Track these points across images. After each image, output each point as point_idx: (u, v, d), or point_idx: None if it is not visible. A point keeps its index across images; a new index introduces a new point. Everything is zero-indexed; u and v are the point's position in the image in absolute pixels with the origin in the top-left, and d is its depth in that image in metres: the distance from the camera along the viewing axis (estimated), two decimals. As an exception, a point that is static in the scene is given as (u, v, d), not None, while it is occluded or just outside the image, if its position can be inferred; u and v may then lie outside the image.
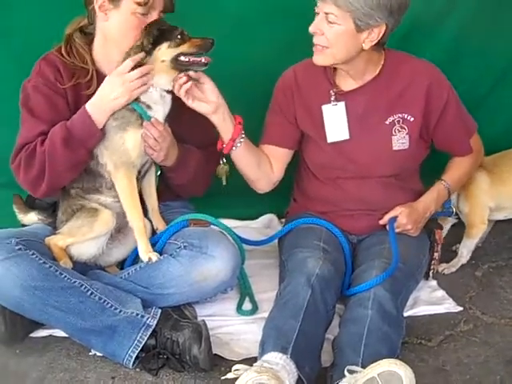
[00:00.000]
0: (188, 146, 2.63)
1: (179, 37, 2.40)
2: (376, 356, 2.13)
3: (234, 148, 2.60)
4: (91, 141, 2.42)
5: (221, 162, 2.66)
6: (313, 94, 2.69)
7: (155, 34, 2.38)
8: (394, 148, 2.66)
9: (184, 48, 2.41)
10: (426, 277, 2.85)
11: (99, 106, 2.41)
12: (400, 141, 2.65)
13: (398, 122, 2.64)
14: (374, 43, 2.49)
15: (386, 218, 2.67)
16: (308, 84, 2.70)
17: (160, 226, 2.64)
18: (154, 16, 2.46)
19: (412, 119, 2.63)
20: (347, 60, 2.52)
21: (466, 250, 3.01)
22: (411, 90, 2.62)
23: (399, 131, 2.64)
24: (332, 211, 2.77)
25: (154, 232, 2.64)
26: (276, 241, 2.92)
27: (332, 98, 2.65)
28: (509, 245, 3.24)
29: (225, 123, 2.55)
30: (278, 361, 2.14)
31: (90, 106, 2.41)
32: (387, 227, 2.66)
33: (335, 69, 2.65)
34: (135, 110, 2.42)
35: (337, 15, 2.41)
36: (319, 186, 2.79)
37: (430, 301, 2.79)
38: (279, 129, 2.75)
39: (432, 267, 2.84)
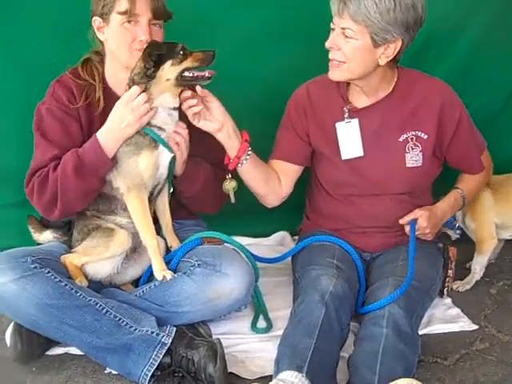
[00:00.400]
0: (197, 158, 2.63)
1: (181, 52, 2.41)
2: (392, 374, 2.12)
3: (239, 165, 2.61)
4: (102, 169, 2.45)
5: (227, 177, 2.67)
6: (326, 111, 2.70)
7: (155, 54, 2.38)
8: (408, 165, 2.66)
9: (187, 63, 2.42)
10: (441, 294, 2.84)
11: (110, 135, 2.43)
12: (413, 158, 2.66)
13: (412, 139, 2.65)
14: (389, 59, 2.50)
15: (407, 218, 2.65)
16: (321, 101, 2.71)
17: (174, 244, 2.65)
18: (142, 24, 2.45)
19: (426, 137, 2.64)
20: (363, 75, 2.54)
21: (478, 267, 3.00)
22: (424, 108, 2.62)
23: (413, 149, 2.65)
24: (345, 228, 2.77)
25: (168, 250, 2.65)
26: (289, 258, 2.91)
27: (346, 115, 2.66)
28: (523, 262, 3.23)
29: (230, 140, 2.56)
30: (294, 379, 2.13)
31: (101, 136, 2.43)
32: (406, 230, 2.65)
33: (348, 85, 2.67)
34: (147, 134, 2.44)
35: (354, 30, 2.43)
36: (332, 203, 2.80)
37: (445, 319, 2.77)
38: (290, 145, 2.76)
39: (446, 285, 2.83)
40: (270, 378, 2.27)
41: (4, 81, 3.05)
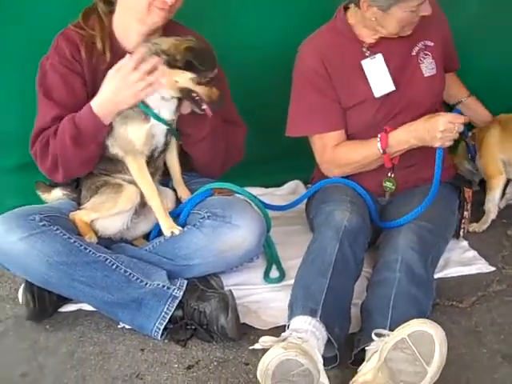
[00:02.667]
0: None
1: (207, 79, 2.37)
2: (405, 318, 2.08)
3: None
4: (100, 136, 2.42)
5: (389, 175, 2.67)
6: (345, 59, 2.64)
7: (192, 61, 2.33)
8: (425, 75, 2.66)
9: (200, 90, 2.37)
10: (457, 236, 2.80)
11: (105, 107, 2.38)
12: (428, 67, 2.67)
13: (422, 49, 2.66)
14: None
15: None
16: (335, 51, 2.65)
17: (184, 195, 2.63)
18: None
19: (432, 44, 2.67)
20: None
21: (491, 204, 2.97)
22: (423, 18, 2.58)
23: (425, 58, 2.66)
24: (359, 173, 2.71)
25: (178, 201, 2.62)
26: (302, 207, 2.89)
27: (367, 54, 2.63)
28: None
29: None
30: (307, 327, 2.11)
31: (95, 105, 2.38)
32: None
33: (351, 27, 2.64)
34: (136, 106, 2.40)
35: None
36: None
37: (462, 261, 2.74)
38: (336, 112, 2.67)
39: (462, 226, 2.79)
40: (283, 327, 2.25)
41: (3, 36, 2.95)
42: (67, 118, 2.42)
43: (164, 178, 2.64)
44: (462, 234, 2.81)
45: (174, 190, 2.64)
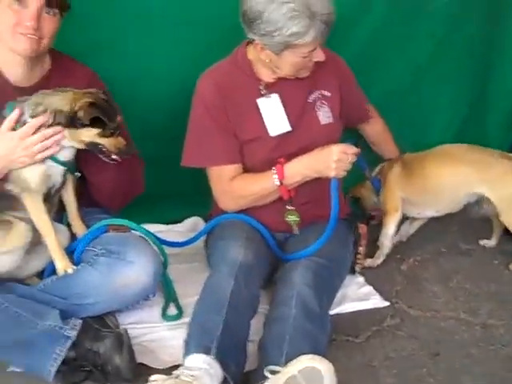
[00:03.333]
0: None
1: (111, 131, 2.33)
2: (300, 354, 2.10)
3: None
4: None
5: (288, 208, 2.67)
6: (242, 94, 2.64)
7: (98, 116, 2.28)
8: (322, 123, 2.70)
9: (107, 143, 2.34)
10: (353, 272, 2.85)
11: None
12: (325, 115, 2.71)
13: (319, 98, 2.70)
14: None
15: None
16: (233, 86, 2.65)
17: (79, 231, 2.56)
18: (31, 8, 2.30)
19: (329, 94, 2.72)
20: None
21: (385, 239, 3.04)
22: (320, 69, 2.64)
23: (321, 106, 2.70)
24: (259, 207, 2.71)
25: (73, 237, 2.55)
26: (201, 245, 2.87)
27: (263, 92, 2.65)
28: (433, 237, 3.27)
29: None
30: (201, 365, 2.08)
31: None
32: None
33: (252, 64, 2.65)
34: None
35: None
36: None
37: (358, 297, 2.79)
38: (228, 146, 2.66)
39: (358, 262, 2.84)
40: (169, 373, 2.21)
41: None
42: None
43: (58, 214, 2.56)
44: (357, 269, 2.86)
45: (68, 226, 2.57)
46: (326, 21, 2.42)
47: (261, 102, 2.64)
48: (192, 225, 3.34)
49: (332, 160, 2.49)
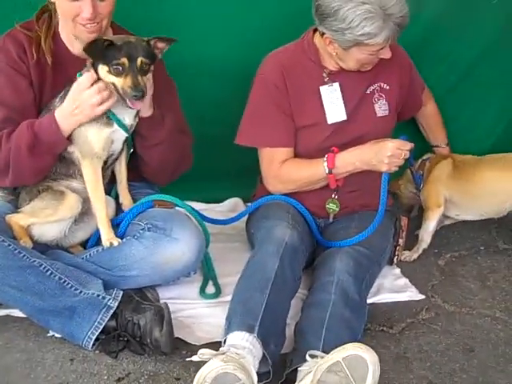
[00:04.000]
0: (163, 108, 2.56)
1: (119, 67, 2.28)
2: (337, 341, 2.12)
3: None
4: (58, 148, 2.39)
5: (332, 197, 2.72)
6: (305, 78, 2.66)
7: (99, 49, 2.28)
8: (378, 115, 2.72)
9: (116, 81, 2.30)
10: (390, 263, 2.86)
11: (65, 117, 2.35)
12: (382, 108, 2.72)
13: (377, 90, 2.71)
14: None
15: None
16: (297, 69, 2.66)
17: (126, 201, 2.62)
18: (86, 2, 2.32)
19: (388, 87, 2.72)
20: None
21: (425, 234, 3.03)
22: (382, 61, 2.64)
23: (378, 99, 2.71)
24: (303, 191, 2.73)
25: (119, 208, 2.60)
26: (242, 226, 2.90)
27: (326, 79, 2.66)
28: (471, 234, 3.26)
29: None
30: (244, 343, 2.11)
31: (58, 114, 2.35)
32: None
33: (318, 51, 2.66)
34: None
35: None
36: None
37: (393, 288, 2.79)
38: (285, 129, 2.68)
39: (396, 253, 2.85)
40: (217, 344, 2.25)
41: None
42: (26, 123, 2.37)
43: (107, 186, 2.60)
44: (395, 261, 2.88)
45: (115, 199, 2.62)
46: (399, 23, 2.44)
47: (323, 89, 2.66)
48: (232, 205, 3.37)
49: (386, 155, 2.50)
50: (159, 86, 2.48)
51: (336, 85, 2.66)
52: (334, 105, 2.66)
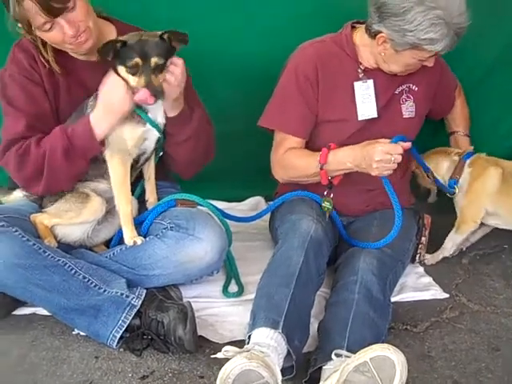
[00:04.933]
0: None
1: (130, 67, 2.29)
2: (361, 341, 2.12)
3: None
4: (91, 152, 2.40)
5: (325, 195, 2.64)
6: (339, 72, 2.65)
7: (109, 53, 2.28)
8: (404, 116, 2.71)
9: (131, 80, 2.31)
10: (413, 261, 2.84)
11: (102, 115, 2.35)
12: (408, 109, 2.72)
13: (405, 91, 2.71)
14: None
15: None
16: (333, 61, 2.66)
17: (151, 197, 2.63)
18: (61, 24, 2.30)
19: (416, 88, 2.71)
20: None
21: (450, 244, 2.94)
22: None
23: (406, 100, 2.71)
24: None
25: (142, 206, 2.62)
26: (264, 224, 2.91)
27: (361, 75, 2.66)
28: (496, 233, 3.20)
29: None
30: (269, 341, 2.11)
31: (92, 117, 2.36)
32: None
33: (355, 45, 2.66)
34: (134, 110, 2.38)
35: None
36: None
37: (417, 287, 2.78)
38: (303, 119, 2.68)
39: (419, 252, 2.84)
40: (240, 342, 2.26)
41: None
42: (59, 128, 2.39)
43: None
44: (417, 259, 2.86)
45: (137, 198, 2.63)
46: (459, 33, 2.43)
47: (357, 85, 2.65)
48: (254, 204, 3.38)
49: (374, 160, 2.41)
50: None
51: (370, 82, 2.65)
52: (366, 101, 2.65)
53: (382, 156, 2.40)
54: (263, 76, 2.85)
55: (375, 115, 2.66)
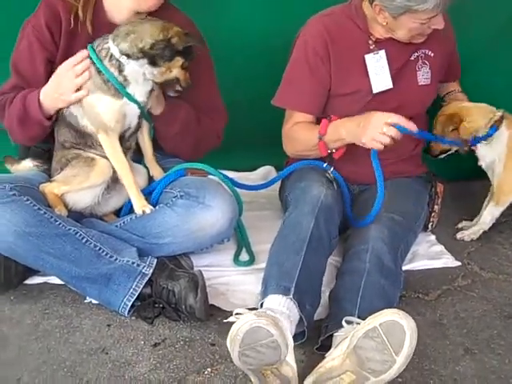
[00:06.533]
0: (178, 100, 2.55)
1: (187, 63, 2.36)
2: (372, 309, 2.09)
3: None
4: (43, 123, 2.45)
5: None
6: (349, 45, 2.61)
7: (190, 43, 2.32)
8: (420, 83, 2.68)
9: (182, 76, 2.37)
10: (425, 229, 2.83)
11: (48, 97, 2.41)
12: (424, 76, 2.69)
13: (421, 57, 2.67)
14: None
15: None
16: (342, 35, 2.62)
17: (156, 173, 2.61)
18: None
19: (432, 54, 2.68)
20: None
21: (490, 217, 2.85)
22: None
23: (422, 66, 2.67)
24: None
25: (150, 179, 2.61)
26: (274, 194, 2.90)
27: (372, 47, 2.62)
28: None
29: None
30: (281, 308, 2.11)
31: (42, 93, 2.41)
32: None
33: (366, 17, 2.61)
34: (109, 81, 2.35)
35: None
36: None
37: (429, 255, 2.77)
38: (316, 95, 2.65)
39: (431, 220, 2.81)
40: (251, 311, 2.25)
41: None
42: (21, 95, 2.46)
43: (137, 156, 2.62)
44: (430, 227, 2.84)
45: (147, 168, 2.62)
46: None
47: (368, 57, 2.61)
48: (265, 173, 3.38)
49: (368, 127, 2.37)
50: (196, 63, 2.46)
51: (382, 52, 2.61)
52: (379, 73, 2.61)
53: (376, 124, 2.36)
54: (277, 48, 2.81)
55: (390, 86, 2.62)
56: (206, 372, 2.11)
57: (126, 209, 2.59)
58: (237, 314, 2.07)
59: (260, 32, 3.11)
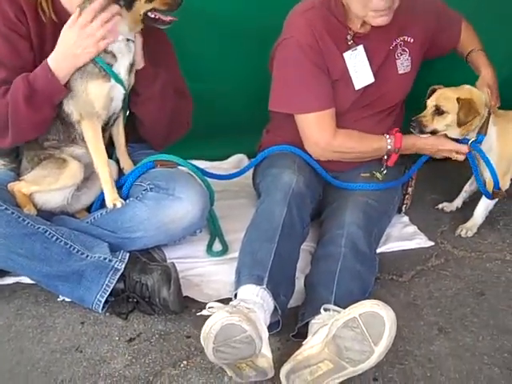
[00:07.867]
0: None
1: None
2: (348, 295, 2.12)
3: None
4: (56, 97, 2.34)
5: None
6: (332, 41, 2.56)
7: None
8: (400, 72, 2.66)
9: (156, 4, 2.31)
10: (399, 211, 2.84)
11: (63, 61, 2.30)
12: (403, 64, 2.67)
13: (400, 45, 2.65)
14: None
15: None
16: (326, 31, 2.55)
17: (126, 165, 2.59)
18: None
19: (412, 40, 2.65)
20: None
21: (483, 209, 2.79)
22: (405, 13, 2.56)
23: (401, 54, 2.65)
24: None
25: (120, 172, 2.58)
26: (247, 182, 2.89)
27: (350, 43, 2.58)
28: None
29: None
30: (255, 298, 2.10)
31: (52, 61, 2.30)
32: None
33: (345, 11, 2.55)
34: (97, 62, 2.32)
35: None
36: None
37: (402, 236, 2.79)
38: (326, 88, 2.58)
39: (405, 202, 2.83)
40: (226, 301, 2.23)
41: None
42: (20, 77, 2.32)
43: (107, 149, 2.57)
44: (404, 209, 2.86)
45: (117, 162, 2.60)
46: None
47: (347, 55, 2.57)
48: (237, 162, 3.36)
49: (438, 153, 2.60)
50: (156, 45, 2.46)
51: (360, 48, 2.57)
52: (359, 70, 2.58)
53: (449, 154, 2.61)
54: (245, 35, 2.78)
55: (372, 80, 2.60)
56: (181, 365, 2.11)
57: (97, 204, 2.57)
58: (210, 307, 2.06)
59: (234, 17, 3.05)
